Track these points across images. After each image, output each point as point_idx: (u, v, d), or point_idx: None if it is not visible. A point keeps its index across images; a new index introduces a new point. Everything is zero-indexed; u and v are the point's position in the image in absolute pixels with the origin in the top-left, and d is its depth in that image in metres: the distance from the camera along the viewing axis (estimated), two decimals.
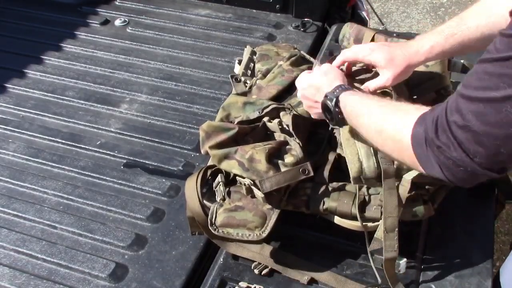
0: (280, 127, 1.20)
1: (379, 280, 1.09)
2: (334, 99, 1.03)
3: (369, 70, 1.20)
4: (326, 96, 1.05)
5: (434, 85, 1.25)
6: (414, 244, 1.18)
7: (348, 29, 1.44)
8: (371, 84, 1.14)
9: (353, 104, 1.01)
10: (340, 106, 1.02)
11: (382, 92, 1.16)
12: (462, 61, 1.31)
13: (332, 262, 1.15)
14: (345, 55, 1.17)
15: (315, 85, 1.12)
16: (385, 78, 1.11)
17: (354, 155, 1.07)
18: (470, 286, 1.08)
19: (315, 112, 1.14)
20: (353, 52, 1.16)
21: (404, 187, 1.06)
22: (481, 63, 0.76)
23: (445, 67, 1.26)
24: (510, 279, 1.17)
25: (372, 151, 1.06)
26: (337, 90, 1.05)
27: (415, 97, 1.23)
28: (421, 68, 1.22)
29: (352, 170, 1.06)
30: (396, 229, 1.05)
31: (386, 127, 0.91)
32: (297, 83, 1.19)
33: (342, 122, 1.04)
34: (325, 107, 1.06)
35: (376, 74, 1.15)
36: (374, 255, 1.10)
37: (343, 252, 1.17)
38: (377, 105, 0.98)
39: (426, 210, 1.10)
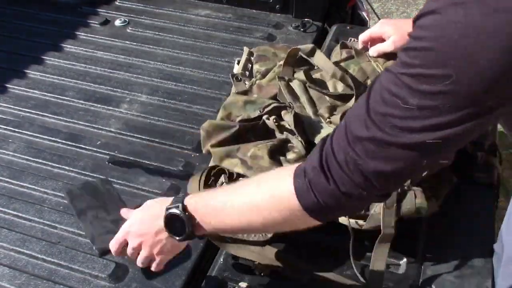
0: (276, 124, 1.20)
1: (359, 276, 1.08)
2: (180, 205, 0.91)
3: None
4: (167, 209, 0.93)
5: None
6: (414, 244, 1.18)
7: None
8: (378, 47, 1.31)
9: (206, 201, 0.92)
10: (189, 210, 0.91)
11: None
12: None
13: (332, 262, 1.15)
14: (364, 35, 1.36)
15: (147, 216, 1.00)
16: (389, 42, 1.28)
17: None
18: (470, 286, 1.08)
19: (157, 247, 0.98)
20: (369, 31, 1.35)
21: None
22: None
23: None
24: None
25: None
26: (177, 199, 0.94)
27: None
28: None
29: None
30: (395, 205, 1.05)
31: (262, 197, 0.84)
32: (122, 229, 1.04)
33: (196, 229, 0.92)
34: (170, 219, 0.93)
35: None
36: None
37: (343, 252, 1.16)
38: (235, 188, 0.92)
39: (429, 207, 1.10)
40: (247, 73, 1.46)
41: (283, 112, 1.23)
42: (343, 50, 1.38)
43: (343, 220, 1.14)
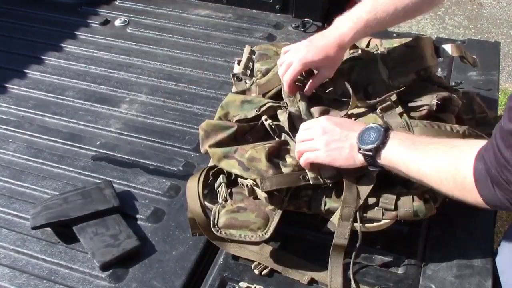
0: (273, 126, 1.20)
1: None
2: (385, 126, 1.03)
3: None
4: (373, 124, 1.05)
5: (415, 66, 1.25)
6: (414, 244, 1.18)
7: None
8: (316, 81, 1.23)
9: (399, 148, 1.00)
10: (387, 136, 1.01)
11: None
12: (450, 45, 1.31)
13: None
14: (287, 81, 1.23)
15: (338, 128, 1.09)
16: (327, 72, 1.22)
17: None
18: (470, 286, 1.08)
19: (341, 158, 1.07)
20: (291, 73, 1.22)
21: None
22: None
23: (427, 48, 1.27)
24: (507, 259, 1.16)
25: None
26: (375, 132, 1.03)
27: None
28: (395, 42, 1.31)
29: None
30: (351, 220, 1.07)
31: (443, 167, 0.91)
32: (300, 137, 1.14)
33: (379, 156, 1.02)
34: (369, 128, 1.04)
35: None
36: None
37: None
38: (427, 143, 0.97)
39: (427, 210, 1.10)
40: (249, 71, 1.46)
41: (278, 112, 1.23)
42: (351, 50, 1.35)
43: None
